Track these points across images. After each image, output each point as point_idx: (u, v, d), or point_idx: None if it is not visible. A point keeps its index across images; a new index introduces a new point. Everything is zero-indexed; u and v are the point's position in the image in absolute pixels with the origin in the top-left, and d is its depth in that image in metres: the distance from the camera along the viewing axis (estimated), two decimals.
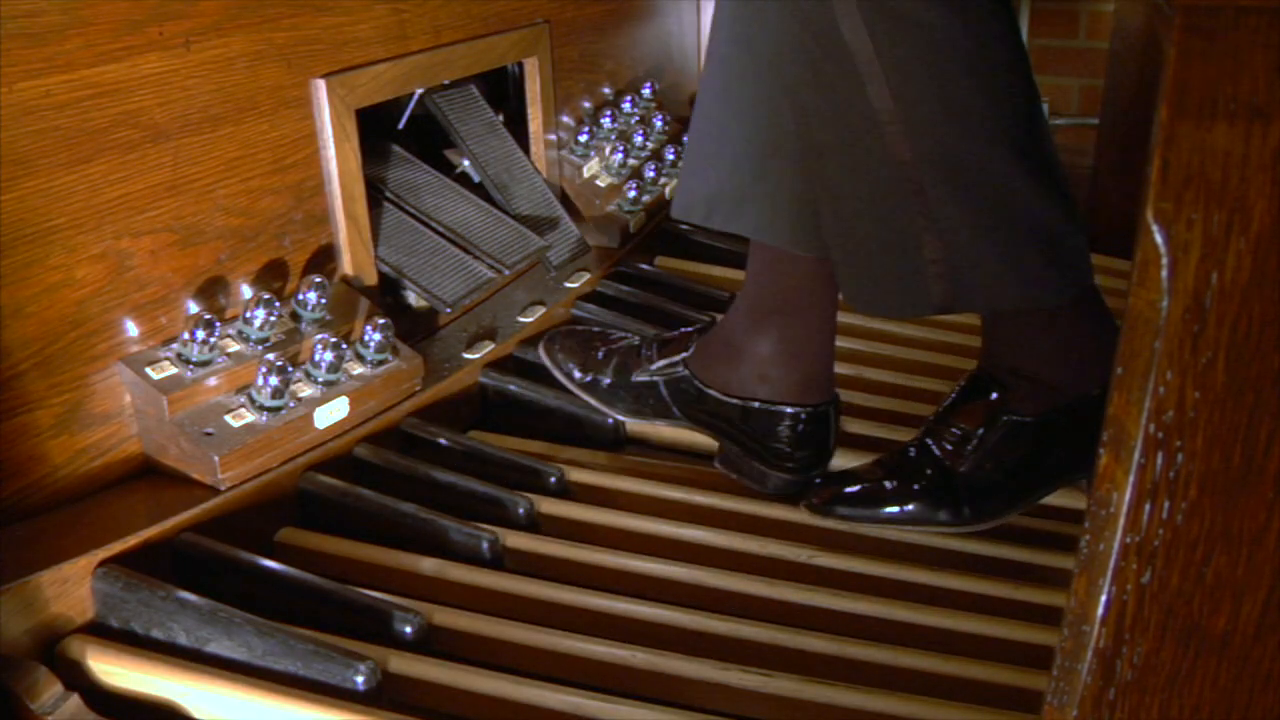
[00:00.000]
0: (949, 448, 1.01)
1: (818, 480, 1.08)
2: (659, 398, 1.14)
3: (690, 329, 1.15)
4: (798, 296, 1.03)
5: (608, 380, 1.17)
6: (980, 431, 0.99)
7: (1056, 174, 0.92)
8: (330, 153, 1.14)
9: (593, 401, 1.19)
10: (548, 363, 1.22)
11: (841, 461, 1.15)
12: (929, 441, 1.03)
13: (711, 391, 1.09)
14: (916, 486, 1.01)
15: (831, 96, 0.91)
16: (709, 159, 1.02)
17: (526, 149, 1.50)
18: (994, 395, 0.99)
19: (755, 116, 0.97)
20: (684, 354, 1.12)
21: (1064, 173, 0.93)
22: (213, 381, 0.98)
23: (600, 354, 1.19)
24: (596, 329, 1.26)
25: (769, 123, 0.96)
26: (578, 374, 1.20)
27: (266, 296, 1.01)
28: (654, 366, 1.14)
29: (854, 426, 1.22)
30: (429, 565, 0.96)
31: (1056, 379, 0.97)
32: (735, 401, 1.08)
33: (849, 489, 1.04)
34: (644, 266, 1.58)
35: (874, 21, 0.86)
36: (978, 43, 0.88)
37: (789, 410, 1.06)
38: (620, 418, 1.18)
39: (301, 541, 0.99)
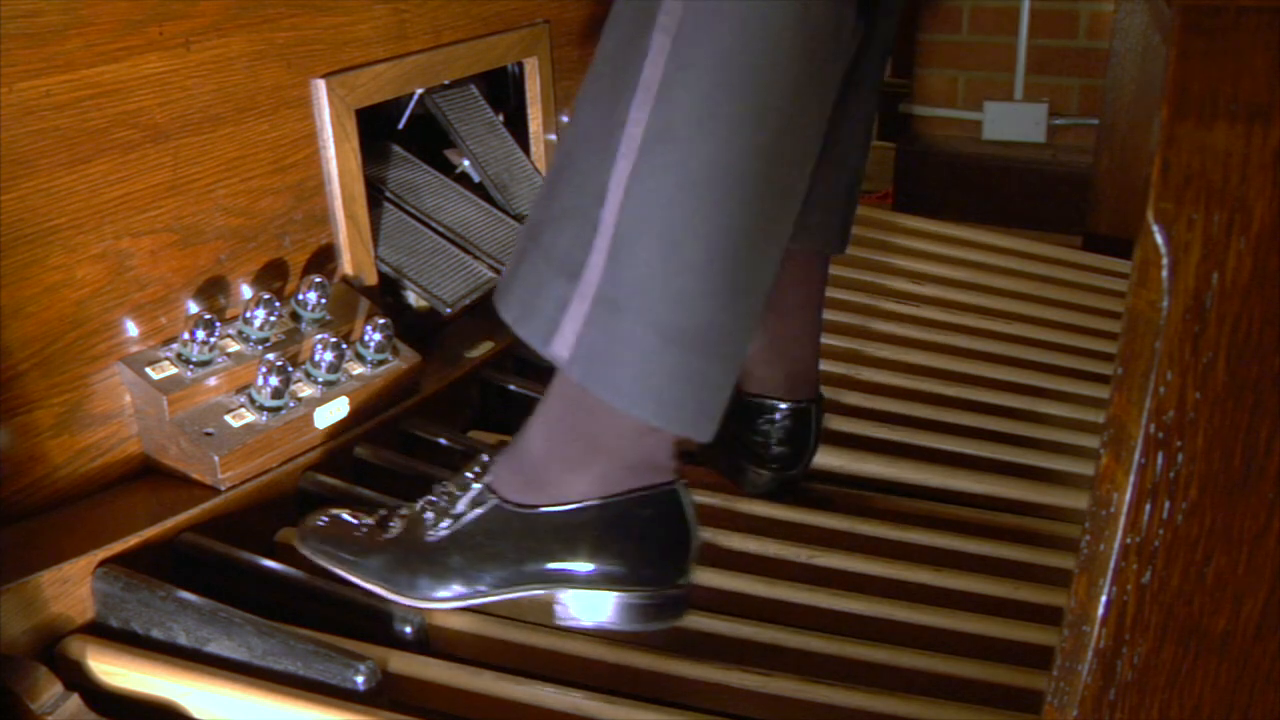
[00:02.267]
0: (431, 513, 0.88)
1: (798, 479, 1.08)
2: None
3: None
4: (784, 294, 1.03)
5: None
6: (463, 503, 0.88)
7: (757, 305, 0.77)
8: (330, 153, 1.14)
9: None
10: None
11: (839, 461, 1.15)
12: (426, 500, 0.91)
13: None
14: (384, 540, 0.89)
15: (625, 49, 0.77)
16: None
17: (526, 149, 1.50)
18: (489, 471, 0.88)
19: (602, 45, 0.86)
20: None
21: (757, 311, 0.78)
22: (213, 381, 0.98)
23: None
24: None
25: (601, 53, 0.83)
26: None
27: (266, 296, 1.01)
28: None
29: (852, 426, 1.22)
30: None
31: (561, 481, 0.84)
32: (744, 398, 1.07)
33: (329, 530, 0.91)
34: None
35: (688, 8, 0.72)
36: (774, 100, 0.72)
37: (769, 404, 1.06)
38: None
39: None
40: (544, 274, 0.79)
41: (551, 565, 0.84)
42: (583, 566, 0.84)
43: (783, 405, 1.05)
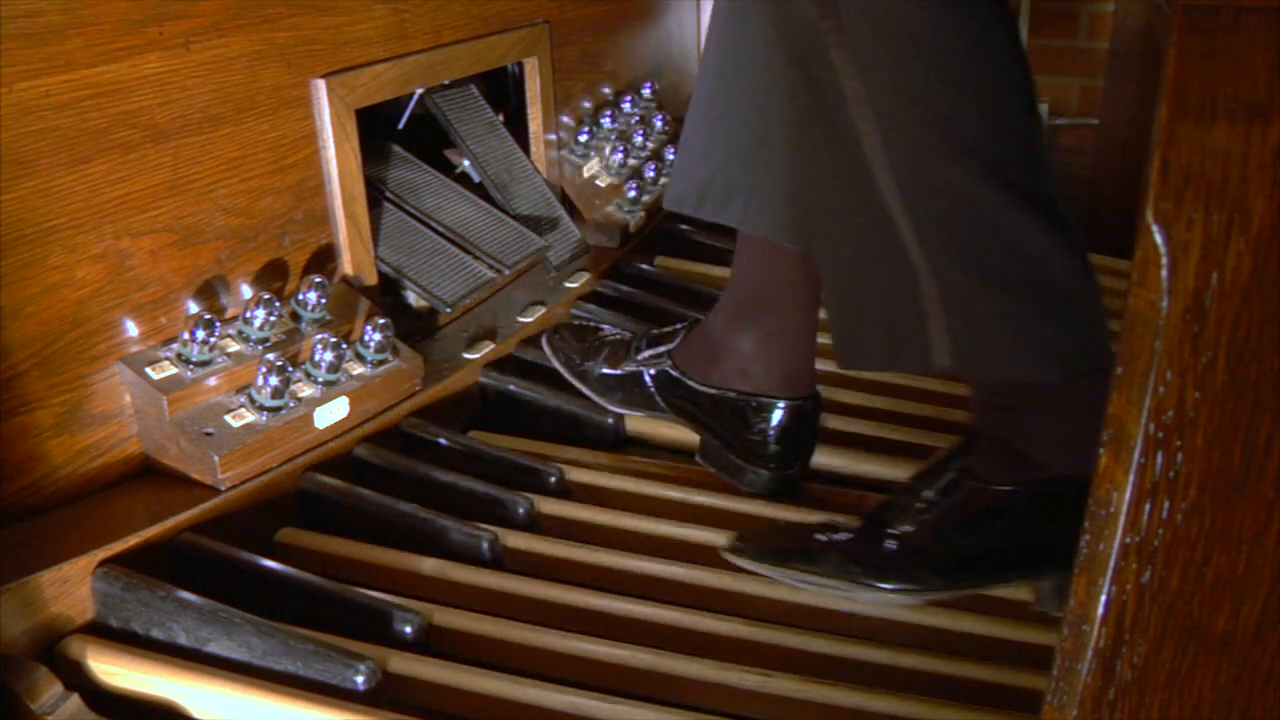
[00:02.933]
0: (898, 508, 0.89)
1: (797, 478, 1.08)
2: (643, 387, 1.15)
3: (681, 324, 1.17)
4: (781, 293, 1.04)
5: (599, 370, 1.18)
6: (937, 494, 0.87)
7: (1066, 222, 0.80)
8: (330, 153, 1.14)
9: (584, 389, 1.20)
10: (548, 351, 1.24)
11: (838, 461, 1.15)
12: (884, 506, 0.91)
13: (691, 383, 1.11)
14: (847, 542, 0.89)
15: (817, 99, 0.84)
16: (702, 151, 1.02)
17: (526, 149, 1.50)
18: (962, 459, 0.87)
19: (746, 110, 0.95)
20: (669, 346, 1.14)
21: (1074, 223, 0.81)
22: (213, 381, 0.98)
23: (594, 345, 1.21)
24: (596, 324, 1.28)
25: (759, 117, 0.94)
26: (574, 363, 1.21)
27: (266, 296, 1.01)
28: (640, 357, 1.15)
29: (850, 425, 1.22)
30: (429, 565, 0.95)
31: (1038, 455, 0.84)
32: (714, 392, 1.09)
33: (769, 542, 0.93)
34: (644, 266, 1.58)
35: (853, 23, 0.78)
36: (971, 55, 0.78)
37: (766, 403, 1.06)
38: (610, 407, 1.19)
39: (302, 542, 0.99)
40: (885, 307, 0.84)
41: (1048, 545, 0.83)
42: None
43: (780, 404, 1.05)
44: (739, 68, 0.95)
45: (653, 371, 1.14)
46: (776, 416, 1.06)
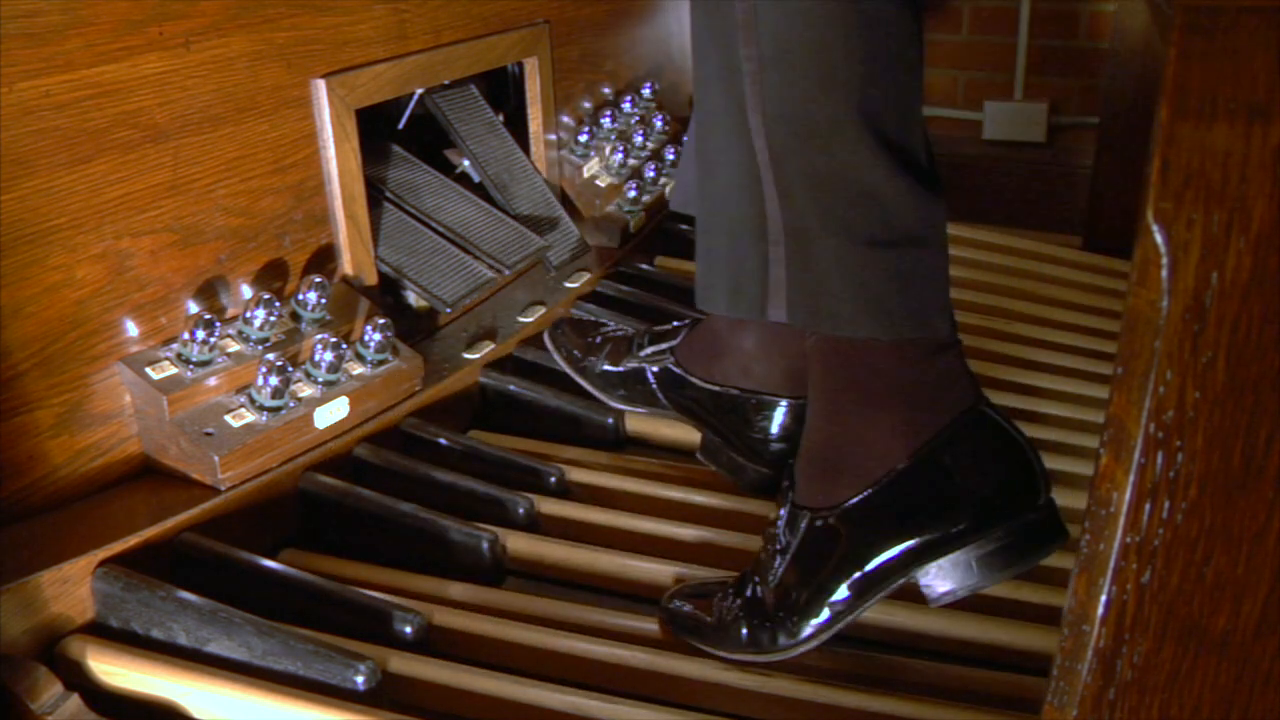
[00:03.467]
0: (763, 558, 0.85)
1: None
2: (645, 384, 1.15)
3: (684, 322, 1.17)
4: None
5: (601, 366, 1.18)
6: (784, 535, 0.83)
7: (927, 176, 0.77)
8: (330, 153, 1.14)
9: (585, 385, 1.20)
10: (550, 346, 1.24)
11: None
12: (760, 552, 0.87)
13: (693, 380, 1.10)
14: (737, 606, 0.85)
15: (716, 32, 0.80)
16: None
17: (526, 149, 1.50)
18: (787, 484, 0.84)
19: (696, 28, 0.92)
20: (671, 343, 1.14)
21: (936, 184, 0.77)
22: (213, 381, 0.98)
23: (596, 341, 1.21)
24: (598, 320, 1.28)
25: (700, 29, 0.89)
26: (576, 358, 1.20)
27: (266, 296, 1.01)
28: (642, 354, 1.15)
29: None
30: (430, 586, 0.96)
31: (860, 455, 0.79)
32: (716, 390, 1.08)
33: (688, 610, 0.88)
34: (644, 266, 1.58)
35: None
36: None
37: (768, 401, 1.06)
38: (611, 403, 1.19)
39: (304, 564, 0.99)
40: (736, 249, 0.81)
41: (894, 551, 0.78)
42: (923, 538, 0.77)
43: (783, 402, 1.05)
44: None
45: (655, 369, 1.14)
46: (779, 415, 1.06)
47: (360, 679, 0.78)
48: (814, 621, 0.81)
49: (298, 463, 1.01)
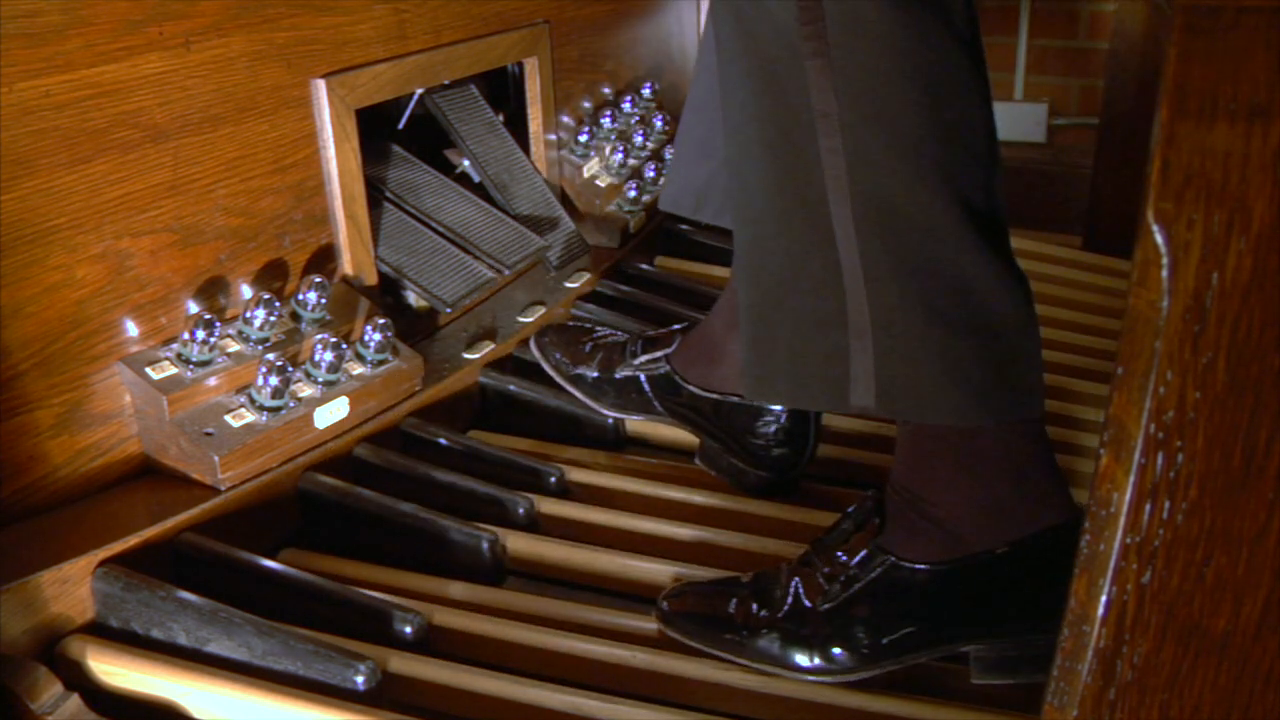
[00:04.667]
0: (818, 579, 0.83)
1: (797, 478, 1.07)
2: (641, 392, 1.15)
3: (677, 327, 1.16)
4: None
5: (593, 374, 1.17)
6: (854, 567, 0.82)
7: (1013, 264, 0.77)
8: (330, 153, 1.14)
9: (577, 394, 1.19)
10: (537, 355, 1.23)
11: (839, 460, 1.15)
12: (803, 567, 0.86)
13: (690, 387, 1.10)
14: (768, 617, 0.84)
15: (781, 107, 0.78)
16: (698, 153, 1.01)
17: (526, 149, 1.50)
18: (879, 533, 0.83)
19: (737, 112, 0.90)
20: (666, 350, 1.13)
21: (1019, 270, 0.78)
22: (213, 381, 0.98)
23: (587, 348, 1.20)
24: (586, 325, 1.27)
25: (749, 119, 0.87)
26: (566, 367, 1.20)
27: (266, 296, 1.01)
28: (636, 361, 1.15)
29: (851, 425, 1.22)
30: (431, 586, 0.96)
31: (959, 523, 0.80)
32: (714, 397, 1.08)
33: (696, 609, 0.88)
34: (644, 266, 1.58)
35: (835, 32, 0.74)
36: (944, 79, 0.74)
37: (766, 407, 1.06)
38: (604, 411, 1.19)
39: (304, 563, 0.99)
40: (804, 340, 0.79)
41: (965, 626, 0.79)
42: (1001, 625, 0.80)
43: (780, 407, 1.05)
44: (731, 67, 0.92)
45: (649, 375, 1.13)
46: (779, 420, 1.06)
47: (360, 679, 0.78)
48: (853, 658, 0.81)
49: (298, 463, 1.01)
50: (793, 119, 0.77)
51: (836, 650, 0.81)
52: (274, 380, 0.98)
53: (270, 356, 0.99)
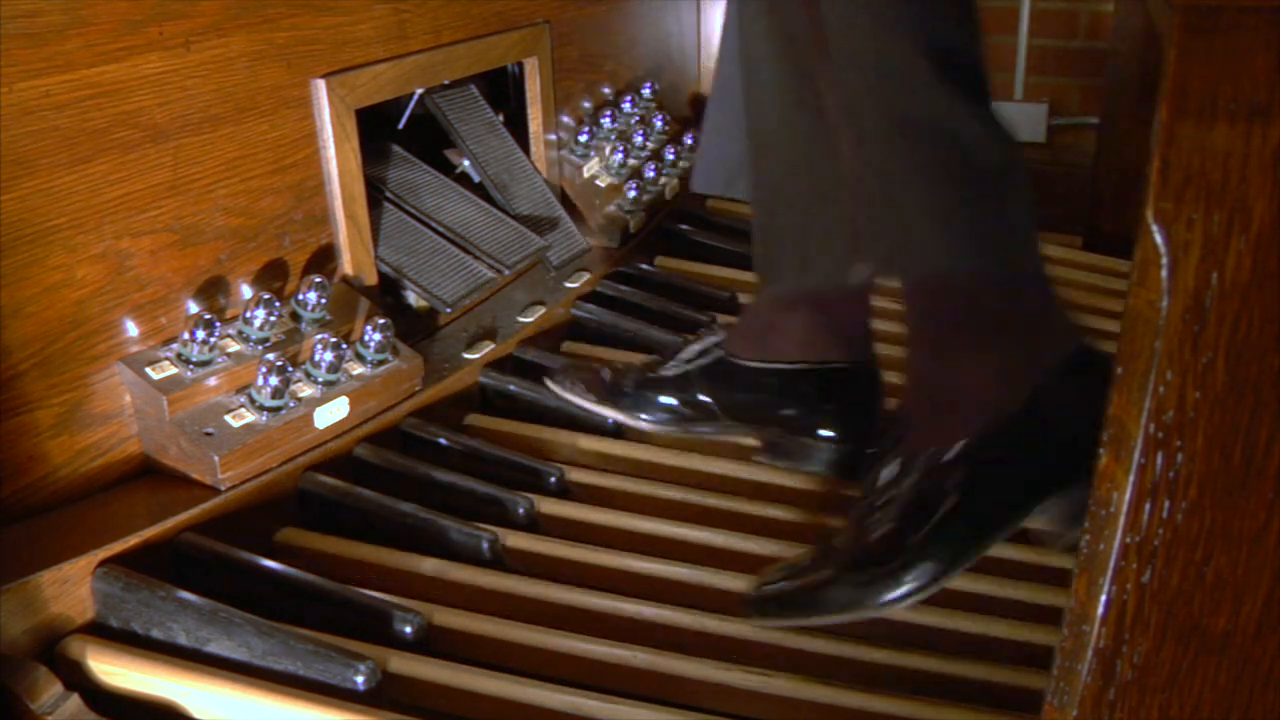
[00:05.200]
0: (865, 512, 0.83)
1: (869, 451, 0.98)
2: (692, 390, 1.07)
3: (705, 327, 1.12)
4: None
5: (634, 386, 1.10)
6: (893, 484, 0.81)
7: (995, 115, 0.78)
8: (330, 153, 1.14)
9: (613, 413, 1.12)
10: (559, 390, 1.16)
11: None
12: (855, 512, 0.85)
13: (751, 363, 1.03)
14: (839, 568, 0.82)
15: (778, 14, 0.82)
16: (727, 132, 0.99)
17: (526, 149, 1.50)
18: (903, 438, 0.82)
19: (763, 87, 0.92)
20: (715, 338, 1.07)
21: (1001, 120, 0.79)
22: (213, 381, 0.98)
23: (606, 374, 1.13)
24: (589, 361, 1.21)
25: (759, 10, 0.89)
26: (599, 388, 1.13)
27: (266, 296, 1.01)
28: (685, 356, 1.07)
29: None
30: (429, 566, 0.95)
31: (981, 391, 0.79)
32: (779, 367, 1.02)
33: (775, 586, 0.86)
34: (644, 266, 1.58)
35: None
36: None
37: (833, 369, 1.00)
38: (646, 426, 1.10)
39: (301, 541, 0.99)
40: (805, 219, 0.84)
41: (1017, 494, 0.78)
42: (1044, 479, 0.78)
43: (847, 368, 1.01)
44: (751, 43, 0.91)
45: (703, 367, 1.06)
46: (849, 383, 1.01)
47: (360, 679, 0.78)
48: (926, 566, 0.78)
49: (298, 463, 1.01)
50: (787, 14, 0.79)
51: (907, 563, 0.78)
52: (274, 380, 0.98)
53: (270, 356, 0.99)
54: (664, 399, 1.08)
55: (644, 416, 1.09)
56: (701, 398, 1.06)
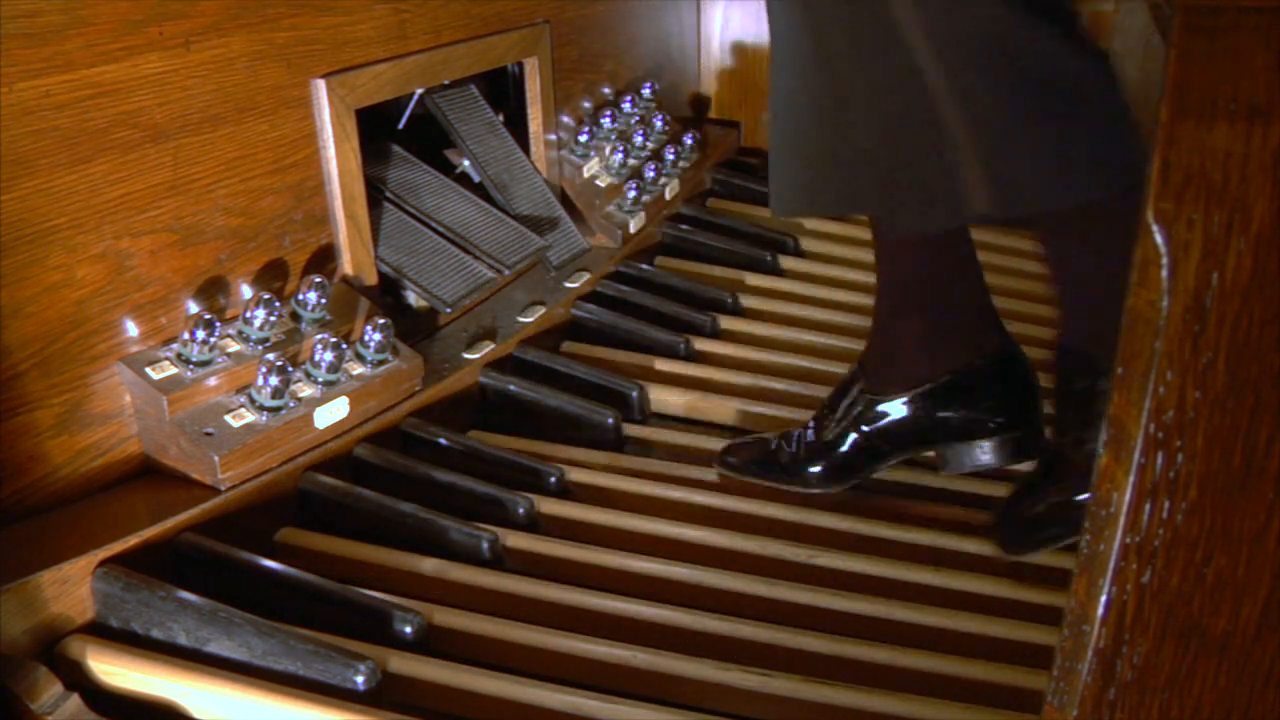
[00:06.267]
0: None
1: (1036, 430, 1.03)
2: (856, 442, 1.07)
3: (846, 379, 1.08)
4: (940, 269, 1.01)
5: (802, 451, 1.09)
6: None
7: (1084, 37, 0.81)
8: (330, 153, 1.14)
9: (790, 486, 1.10)
10: (734, 472, 1.13)
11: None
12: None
13: (898, 397, 1.04)
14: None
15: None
16: (794, 148, 0.98)
17: (526, 149, 1.50)
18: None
19: (807, 96, 0.93)
20: (857, 385, 1.06)
21: (1090, 40, 0.82)
22: (213, 381, 0.98)
23: (768, 444, 1.13)
24: (762, 436, 1.16)
25: (819, 90, 0.91)
26: (771, 456, 1.11)
27: (266, 296, 1.01)
28: (837, 414, 1.07)
29: None
30: (429, 565, 0.96)
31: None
32: (925, 389, 1.02)
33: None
34: (644, 266, 1.58)
35: None
36: None
37: (975, 368, 1.01)
38: (818, 488, 1.09)
39: (301, 541, 0.99)
40: (918, 167, 0.85)
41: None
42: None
43: (980, 362, 1.01)
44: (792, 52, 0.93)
45: (858, 411, 1.06)
46: (994, 375, 1.01)
47: (360, 679, 0.78)
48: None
49: (298, 463, 1.01)
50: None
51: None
52: (274, 380, 0.98)
53: (270, 356, 0.99)
54: (835, 461, 1.08)
55: (832, 489, 1.09)
56: (867, 444, 1.07)
